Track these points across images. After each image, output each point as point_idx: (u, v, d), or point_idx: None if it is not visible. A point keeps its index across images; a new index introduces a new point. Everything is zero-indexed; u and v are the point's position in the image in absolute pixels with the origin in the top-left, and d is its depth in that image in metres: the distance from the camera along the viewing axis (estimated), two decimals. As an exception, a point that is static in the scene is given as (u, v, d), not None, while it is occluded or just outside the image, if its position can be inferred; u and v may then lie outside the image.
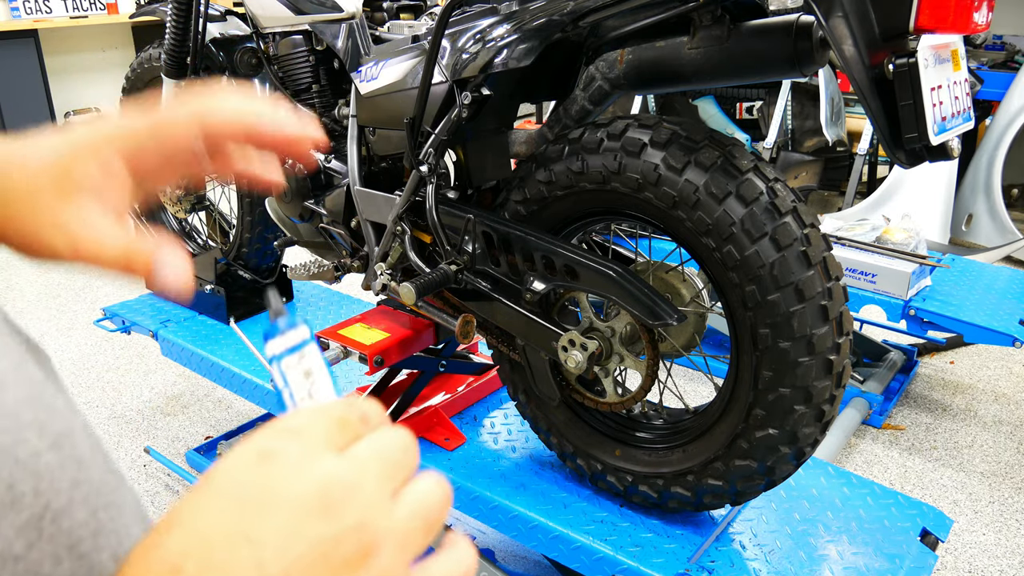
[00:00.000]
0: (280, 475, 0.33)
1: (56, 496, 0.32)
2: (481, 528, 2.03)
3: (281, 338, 0.43)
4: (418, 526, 0.35)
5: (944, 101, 1.10)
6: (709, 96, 4.32)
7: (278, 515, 0.32)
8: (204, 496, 0.33)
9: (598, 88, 1.35)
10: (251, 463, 0.34)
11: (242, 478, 0.33)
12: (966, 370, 3.07)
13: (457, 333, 1.47)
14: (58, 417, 0.35)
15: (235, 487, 0.33)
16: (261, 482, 0.33)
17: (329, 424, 0.36)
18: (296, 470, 0.33)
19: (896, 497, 1.57)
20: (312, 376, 0.42)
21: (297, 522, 0.32)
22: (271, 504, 0.32)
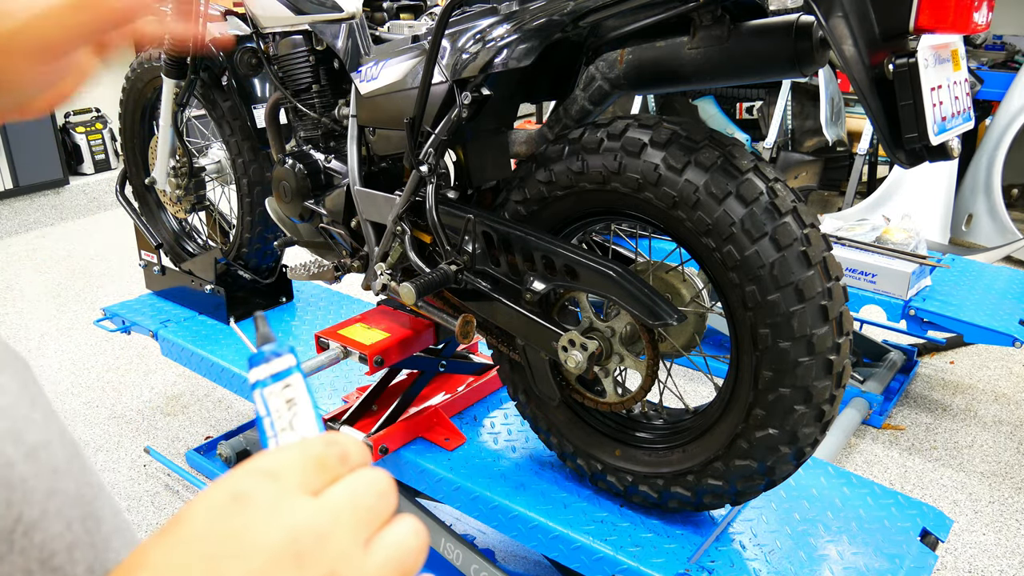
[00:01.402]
0: (252, 521, 0.32)
1: (29, 508, 0.31)
2: (481, 528, 2.03)
3: (266, 365, 0.42)
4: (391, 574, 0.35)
5: (944, 101, 1.10)
6: (709, 96, 4.32)
7: (248, 563, 0.31)
8: (175, 538, 0.32)
9: (598, 88, 1.35)
10: (224, 506, 0.33)
11: (214, 522, 0.32)
12: (966, 370, 3.07)
13: (457, 333, 1.47)
14: (34, 427, 0.34)
15: (207, 531, 0.32)
16: (232, 528, 0.32)
17: (306, 465, 0.35)
18: (268, 516, 0.33)
19: (896, 497, 1.57)
20: (295, 406, 0.42)
21: (266, 572, 0.31)
22: (241, 552, 0.31)
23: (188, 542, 0.31)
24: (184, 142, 2.29)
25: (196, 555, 0.31)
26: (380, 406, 1.79)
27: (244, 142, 2.21)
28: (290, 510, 0.33)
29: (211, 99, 2.21)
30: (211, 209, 2.56)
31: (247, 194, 2.27)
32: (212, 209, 2.57)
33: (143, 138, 2.56)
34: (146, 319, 2.43)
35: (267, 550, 0.31)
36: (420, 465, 1.65)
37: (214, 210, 2.59)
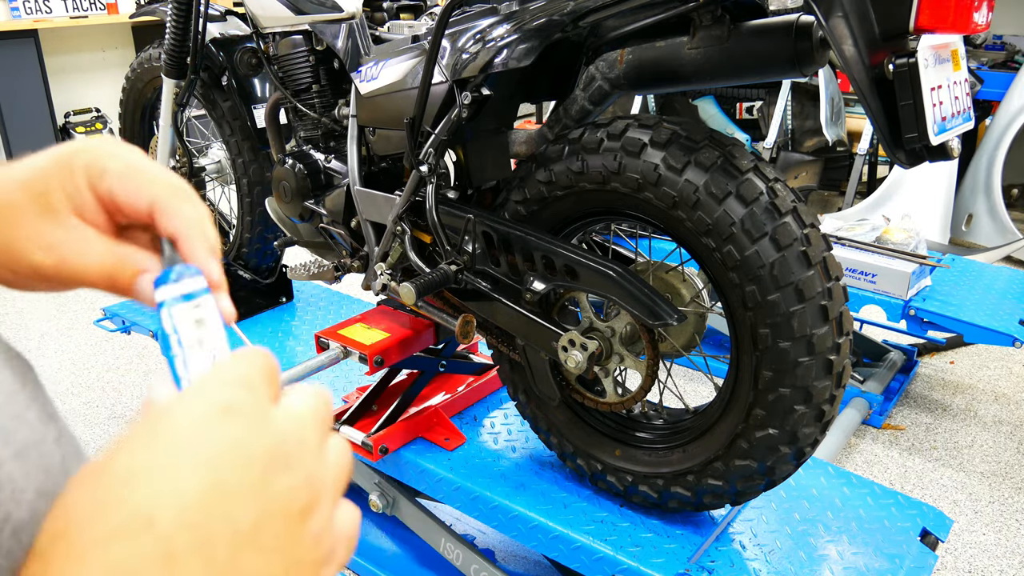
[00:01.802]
0: (245, 430, 0.33)
1: (17, 508, 0.31)
2: (481, 528, 2.03)
3: (175, 285, 0.41)
4: (341, 476, 0.36)
5: (944, 101, 1.10)
6: (709, 96, 4.32)
7: (248, 472, 0.31)
8: (167, 448, 0.31)
9: (598, 88, 1.35)
10: (215, 417, 0.33)
11: (210, 433, 0.32)
12: (966, 370, 3.07)
13: (457, 333, 1.47)
14: (25, 426, 0.34)
15: (203, 444, 0.31)
16: (231, 440, 0.32)
17: (266, 375, 0.36)
18: (257, 424, 0.33)
19: (896, 497, 1.57)
20: (204, 326, 0.40)
21: (266, 478, 0.32)
22: (242, 463, 0.31)
23: (187, 452, 0.31)
24: (184, 142, 2.29)
25: (198, 465, 0.31)
26: (380, 406, 1.79)
27: (244, 142, 2.21)
28: (272, 419, 0.34)
29: (211, 99, 2.21)
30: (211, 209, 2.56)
31: (247, 194, 2.27)
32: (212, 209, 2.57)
33: (143, 138, 2.56)
34: (146, 319, 2.43)
35: (262, 458, 0.32)
36: (420, 465, 1.65)
37: (214, 210, 2.59)
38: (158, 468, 0.30)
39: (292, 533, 0.32)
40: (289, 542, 0.32)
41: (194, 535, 0.29)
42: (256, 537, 0.30)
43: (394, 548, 2.05)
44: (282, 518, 0.32)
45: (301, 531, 0.32)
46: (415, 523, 1.84)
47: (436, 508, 1.88)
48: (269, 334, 2.32)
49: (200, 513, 0.29)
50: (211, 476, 0.30)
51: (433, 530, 1.79)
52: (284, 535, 0.32)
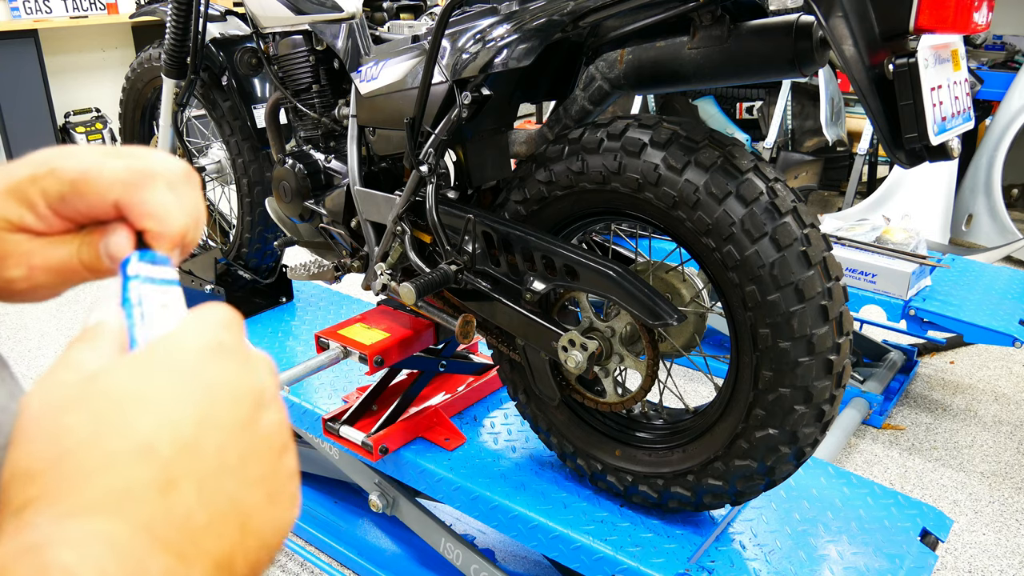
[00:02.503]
0: (235, 369, 0.34)
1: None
2: (481, 528, 2.03)
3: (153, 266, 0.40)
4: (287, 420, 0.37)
5: (944, 101, 1.10)
6: (709, 96, 4.32)
7: (239, 407, 0.33)
8: (165, 378, 0.32)
9: (598, 88, 1.35)
10: (210, 353, 0.34)
11: (206, 368, 0.33)
12: (966, 370, 3.07)
13: (457, 333, 1.47)
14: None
15: (200, 376, 0.33)
16: (223, 374, 0.33)
17: (237, 321, 0.37)
18: (245, 365, 0.35)
19: (896, 497, 1.57)
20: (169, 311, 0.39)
21: (253, 413, 0.33)
22: (233, 397, 0.33)
23: (189, 385, 0.32)
24: (184, 142, 2.29)
25: (197, 399, 0.32)
26: (380, 406, 1.79)
27: (244, 142, 2.21)
28: (253, 360, 0.36)
29: (211, 99, 2.21)
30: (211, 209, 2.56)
31: (247, 194, 2.27)
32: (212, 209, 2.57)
33: (143, 138, 2.56)
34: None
35: (250, 396, 0.34)
36: (420, 465, 1.65)
37: (214, 210, 2.59)
38: (157, 397, 0.31)
39: (273, 468, 0.33)
40: (271, 476, 0.33)
41: (190, 464, 0.30)
42: (243, 469, 0.32)
43: (394, 548, 2.05)
44: (266, 453, 0.33)
45: (280, 466, 0.34)
46: (415, 523, 1.84)
47: (436, 508, 1.88)
48: (269, 334, 2.32)
49: (195, 443, 0.30)
50: (206, 409, 0.31)
51: (433, 530, 1.79)
52: (267, 469, 0.33)
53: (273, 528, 0.32)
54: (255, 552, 0.31)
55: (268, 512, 0.32)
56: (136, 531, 0.27)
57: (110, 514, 0.27)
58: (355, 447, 1.69)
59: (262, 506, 0.32)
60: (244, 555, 0.31)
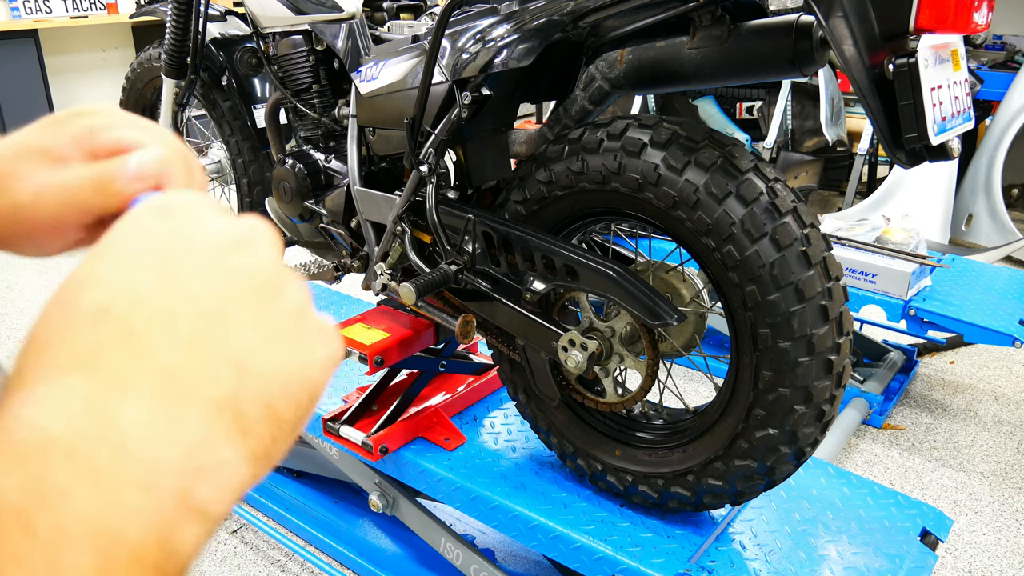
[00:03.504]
0: (190, 223, 0.33)
1: None
2: (481, 528, 2.03)
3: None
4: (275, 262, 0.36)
5: (944, 101, 1.10)
6: (709, 96, 4.32)
7: (197, 254, 0.32)
8: (115, 252, 0.32)
9: (598, 88, 1.35)
10: (154, 219, 0.33)
11: (152, 231, 0.33)
12: (966, 370, 3.07)
13: (457, 333, 1.47)
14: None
15: (147, 239, 0.32)
16: (174, 231, 0.33)
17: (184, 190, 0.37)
18: (202, 218, 0.34)
19: (896, 497, 1.57)
20: None
21: (216, 257, 0.32)
22: (189, 247, 0.32)
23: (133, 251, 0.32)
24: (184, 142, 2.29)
25: (146, 257, 0.31)
26: (380, 406, 1.79)
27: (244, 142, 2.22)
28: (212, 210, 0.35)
29: (211, 99, 2.21)
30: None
31: (247, 194, 2.27)
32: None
33: (143, 138, 2.56)
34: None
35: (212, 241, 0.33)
36: (420, 465, 1.65)
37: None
38: (108, 270, 0.31)
39: (264, 306, 0.33)
40: (262, 317, 0.32)
41: (152, 313, 0.29)
42: (225, 314, 0.31)
43: (394, 548, 2.05)
44: (249, 296, 0.32)
45: (273, 307, 0.33)
46: (415, 523, 1.84)
47: (436, 508, 1.88)
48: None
49: (155, 295, 0.30)
50: (160, 264, 0.31)
51: (433, 530, 1.79)
52: (255, 308, 0.32)
53: (280, 367, 0.32)
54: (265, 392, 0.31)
55: (268, 353, 0.32)
56: (103, 385, 0.27)
57: (76, 373, 0.27)
58: (355, 447, 1.69)
59: (259, 347, 0.31)
60: (251, 396, 0.30)
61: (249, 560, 2.12)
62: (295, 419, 0.32)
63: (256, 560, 2.12)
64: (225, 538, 2.21)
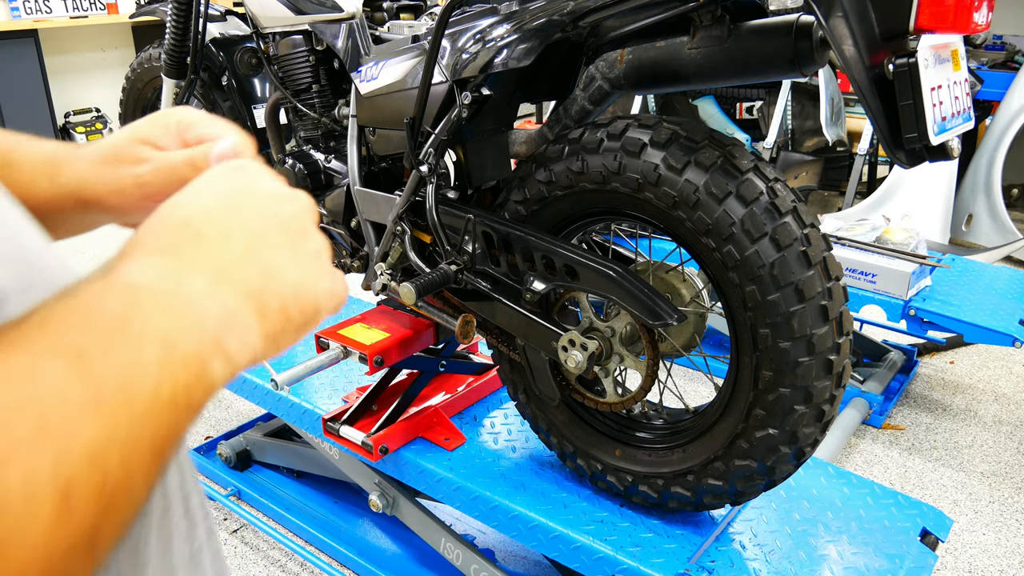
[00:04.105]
0: (253, 178, 0.47)
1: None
2: (481, 528, 2.03)
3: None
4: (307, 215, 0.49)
5: (944, 101, 1.10)
6: (709, 96, 4.32)
7: (254, 198, 0.45)
8: (197, 188, 0.45)
9: (598, 88, 1.35)
10: (230, 172, 0.47)
11: (227, 179, 0.46)
12: (966, 370, 3.07)
13: (457, 333, 1.47)
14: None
15: (223, 183, 0.46)
16: (242, 180, 0.46)
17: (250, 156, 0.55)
18: (262, 177, 0.47)
19: (896, 497, 1.57)
20: None
21: (267, 202, 0.46)
22: (250, 192, 0.46)
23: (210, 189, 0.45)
24: None
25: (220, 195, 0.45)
26: (380, 406, 1.79)
27: (244, 142, 2.21)
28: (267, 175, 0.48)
29: (211, 99, 2.21)
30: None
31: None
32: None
33: (143, 138, 2.56)
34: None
35: (267, 192, 0.46)
36: (420, 465, 1.65)
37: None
38: (194, 199, 0.44)
39: (293, 241, 0.45)
40: (291, 246, 0.45)
41: (216, 228, 0.43)
42: (264, 237, 0.44)
43: (394, 548, 2.05)
44: (284, 230, 0.45)
45: (300, 243, 0.46)
46: (415, 523, 1.84)
47: (436, 508, 1.88)
48: (269, 334, 2.32)
49: (221, 218, 0.43)
50: (227, 199, 0.45)
51: (433, 530, 1.79)
52: (286, 241, 0.45)
53: (295, 282, 0.44)
54: (281, 295, 0.43)
55: (290, 269, 0.44)
56: (179, 264, 0.40)
57: (161, 255, 0.40)
58: (355, 447, 1.69)
59: (283, 264, 0.44)
60: (273, 291, 0.43)
61: (249, 560, 2.12)
62: (299, 322, 0.45)
63: (256, 560, 2.12)
64: (225, 538, 2.21)
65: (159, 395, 0.35)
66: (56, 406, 0.30)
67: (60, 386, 0.31)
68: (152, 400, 0.35)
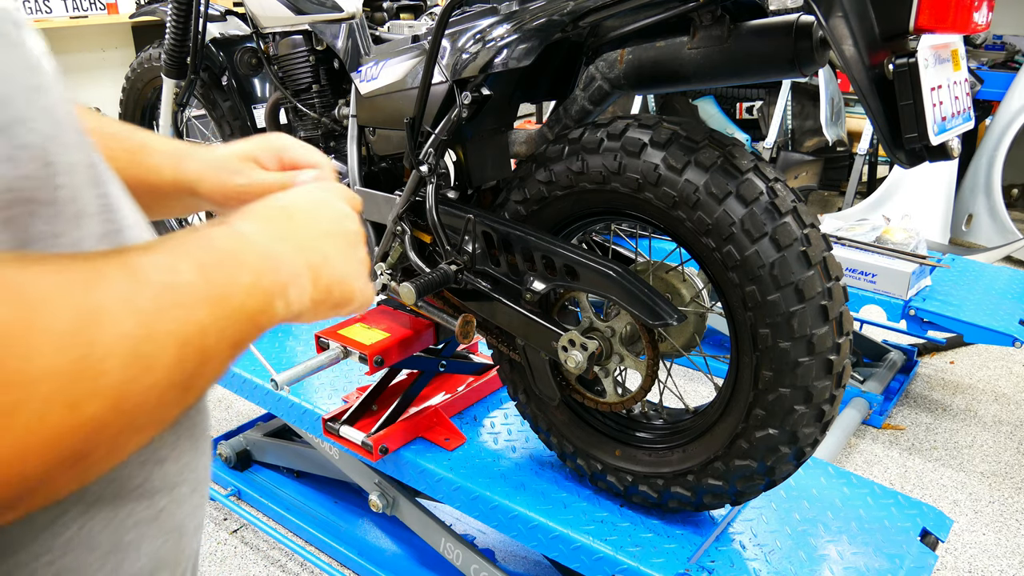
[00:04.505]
0: (332, 195, 0.65)
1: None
2: (481, 528, 2.03)
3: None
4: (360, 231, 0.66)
5: (944, 101, 1.10)
6: (709, 96, 4.32)
7: (331, 210, 0.63)
8: (294, 191, 0.63)
9: (598, 88, 1.35)
10: (317, 187, 0.66)
11: (314, 191, 0.65)
12: (966, 370, 3.07)
13: (457, 333, 1.47)
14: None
15: (311, 193, 0.64)
16: (324, 196, 0.64)
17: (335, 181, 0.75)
18: (338, 197, 0.66)
19: (896, 497, 1.57)
20: None
21: (336, 215, 0.63)
22: (328, 205, 0.64)
23: (302, 195, 0.63)
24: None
25: (308, 200, 0.62)
26: (380, 406, 1.79)
27: (244, 142, 2.21)
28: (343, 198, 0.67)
29: (211, 99, 2.21)
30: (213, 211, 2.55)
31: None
32: (212, 209, 2.57)
33: (143, 138, 2.56)
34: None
35: (339, 209, 0.64)
36: (420, 465, 1.65)
37: (214, 210, 2.59)
38: (288, 195, 0.62)
39: (348, 246, 0.62)
40: (346, 249, 0.62)
41: (301, 217, 0.60)
42: (330, 235, 0.61)
43: (394, 548, 2.05)
44: (344, 237, 0.62)
45: (353, 250, 0.63)
46: (415, 523, 1.84)
47: (436, 508, 1.88)
48: (269, 334, 2.32)
49: (305, 212, 0.60)
50: (311, 203, 0.62)
51: (433, 530, 1.79)
52: (344, 244, 0.62)
53: (342, 273, 0.60)
54: (330, 276, 0.59)
55: (341, 263, 0.60)
56: (272, 229, 0.56)
57: (263, 222, 0.56)
58: (355, 447, 1.69)
59: (338, 258, 0.60)
60: (326, 272, 0.58)
61: (249, 560, 2.12)
62: (336, 300, 0.60)
63: (256, 560, 2.12)
64: (225, 538, 2.21)
65: (243, 307, 0.49)
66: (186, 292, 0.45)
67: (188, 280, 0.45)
68: (238, 309, 0.49)
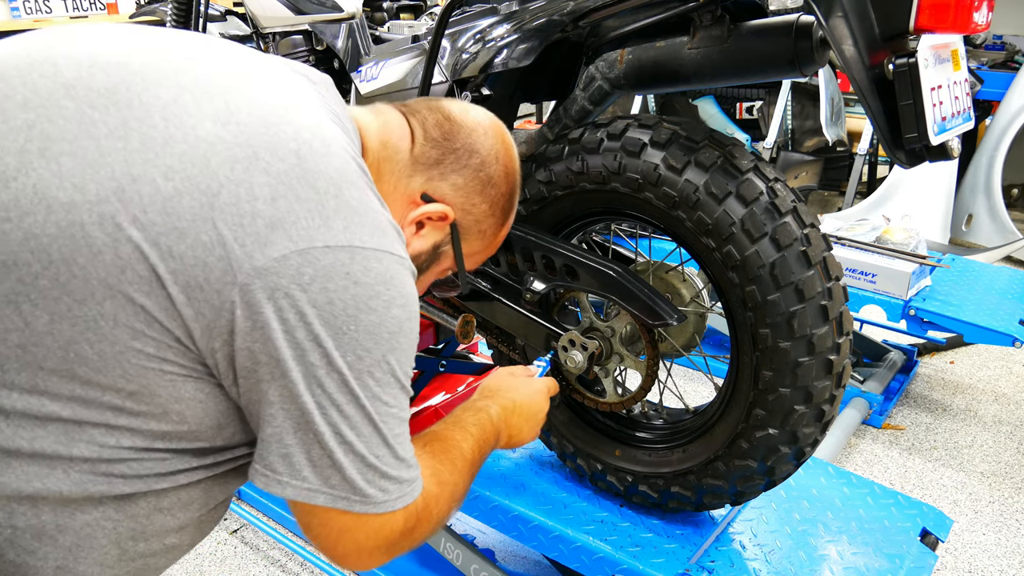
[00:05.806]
0: (540, 394, 1.21)
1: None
2: (481, 528, 2.03)
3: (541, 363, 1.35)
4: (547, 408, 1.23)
5: (944, 101, 1.10)
6: (709, 96, 4.32)
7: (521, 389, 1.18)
8: (495, 378, 1.19)
9: (598, 88, 1.35)
10: (531, 385, 1.21)
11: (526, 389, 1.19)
12: (966, 370, 3.07)
13: (457, 333, 1.47)
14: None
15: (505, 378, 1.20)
16: (516, 381, 1.20)
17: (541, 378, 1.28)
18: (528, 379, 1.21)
19: (896, 497, 1.57)
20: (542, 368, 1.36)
21: (528, 395, 1.17)
22: (522, 389, 1.18)
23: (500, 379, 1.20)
24: None
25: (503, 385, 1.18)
26: (380, 406, 1.79)
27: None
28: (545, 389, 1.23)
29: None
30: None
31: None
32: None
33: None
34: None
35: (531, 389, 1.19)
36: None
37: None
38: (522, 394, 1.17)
39: (537, 423, 1.18)
40: (535, 425, 1.17)
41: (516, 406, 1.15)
42: (530, 418, 1.16)
43: (394, 548, 2.04)
44: (537, 421, 1.18)
45: (535, 422, 1.17)
46: (415, 523, 1.83)
47: (436, 508, 1.88)
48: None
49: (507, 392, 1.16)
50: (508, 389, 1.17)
51: (433, 530, 1.79)
52: (534, 423, 1.17)
53: (521, 435, 1.15)
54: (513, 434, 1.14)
55: (526, 434, 1.16)
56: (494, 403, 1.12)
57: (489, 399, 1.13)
58: (355, 447, 1.69)
59: (526, 432, 1.15)
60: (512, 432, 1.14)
61: (249, 560, 2.12)
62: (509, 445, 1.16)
63: (256, 560, 2.13)
64: (225, 538, 2.21)
65: (487, 450, 1.04)
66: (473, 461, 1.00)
67: (473, 449, 0.99)
68: (485, 453, 1.03)
